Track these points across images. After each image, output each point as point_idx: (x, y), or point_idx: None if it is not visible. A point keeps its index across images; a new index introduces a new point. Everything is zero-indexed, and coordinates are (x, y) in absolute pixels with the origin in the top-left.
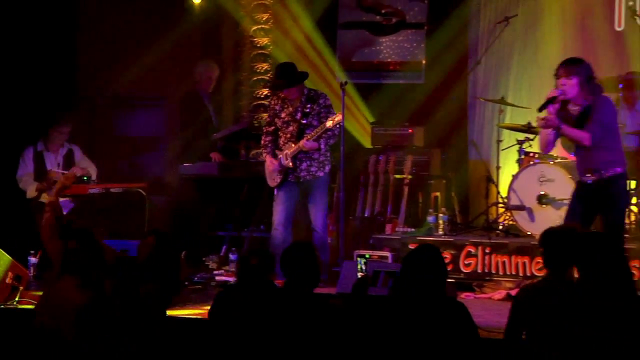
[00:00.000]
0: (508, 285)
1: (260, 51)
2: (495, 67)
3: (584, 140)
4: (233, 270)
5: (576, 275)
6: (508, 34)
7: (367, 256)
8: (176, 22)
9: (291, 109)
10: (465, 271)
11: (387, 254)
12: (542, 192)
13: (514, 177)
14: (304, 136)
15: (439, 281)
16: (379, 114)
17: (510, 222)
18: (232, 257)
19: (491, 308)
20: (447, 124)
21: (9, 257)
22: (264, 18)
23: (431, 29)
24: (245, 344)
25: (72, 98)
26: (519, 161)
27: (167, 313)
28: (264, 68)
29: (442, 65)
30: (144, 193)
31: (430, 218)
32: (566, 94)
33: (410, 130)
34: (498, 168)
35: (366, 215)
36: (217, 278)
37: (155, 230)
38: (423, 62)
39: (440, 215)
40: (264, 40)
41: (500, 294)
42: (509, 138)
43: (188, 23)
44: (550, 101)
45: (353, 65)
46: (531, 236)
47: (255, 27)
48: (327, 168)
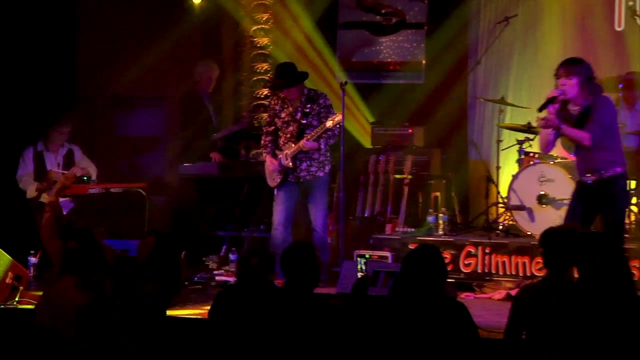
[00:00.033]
0: (508, 285)
1: (260, 51)
2: (495, 67)
3: (584, 140)
4: (233, 270)
5: (576, 275)
6: (508, 34)
7: (367, 256)
8: (176, 22)
9: (291, 109)
10: (465, 271)
11: (387, 254)
12: (542, 192)
13: (514, 177)
14: (304, 136)
15: (439, 281)
16: (379, 114)
17: (510, 222)
18: (232, 257)
19: (491, 308)
20: (447, 124)
21: (9, 257)
22: (264, 18)
23: (431, 29)
24: (245, 344)
25: (72, 98)
26: (519, 161)
27: (167, 313)
28: (264, 68)
29: (442, 65)
30: (144, 193)
31: (430, 218)
32: (566, 94)
33: (410, 130)
34: (498, 168)
35: (366, 215)
36: (217, 278)
37: (155, 230)
38: (423, 62)
39: (440, 215)
40: (264, 40)
41: (500, 294)
42: (509, 138)
43: (188, 23)
44: (550, 101)
45: (353, 65)
46: (531, 236)
47: (255, 27)
48: (327, 168)
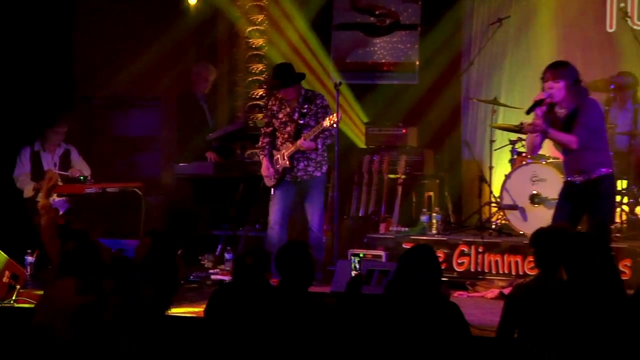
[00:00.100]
0: (501, 284)
1: (255, 52)
2: (488, 68)
3: (571, 144)
4: (228, 269)
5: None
6: (501, 35)
7: (361, 255)
8: (172, 23)
9: (288, 110)
10: (458, 270)
11: (381, 253)
12: (535, 192)
13: (507, 177)
14: (301, 136)
15: (435, 280)
16: (373, 115)
17: (503, 222)
18: (228, 256)
19: (484, 307)
20: (441, 125)
21: (6, 256)
22: (259, 19)
23: (425, 30)
24: (240, 343)
25: (69, 98)
26: (512, 161)
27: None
28: (259, 69)
29: (436, 66)
30: (140, 193)
31: (423, 217)
32: (553, 97)
33: (404, 130)
34: (491, 168)
35: (360, 214)
36: (213, 277)
37: (152, 231)
38: (417, 63)
39: (433, 214)
40: (259, 41)
41: (493, 293)
42: (502, 138)
43: (184, 24)
44: (537, 104)
45: (347, 66)
46: (524, 235)
47: (250, 28)
48: (324, 168)
